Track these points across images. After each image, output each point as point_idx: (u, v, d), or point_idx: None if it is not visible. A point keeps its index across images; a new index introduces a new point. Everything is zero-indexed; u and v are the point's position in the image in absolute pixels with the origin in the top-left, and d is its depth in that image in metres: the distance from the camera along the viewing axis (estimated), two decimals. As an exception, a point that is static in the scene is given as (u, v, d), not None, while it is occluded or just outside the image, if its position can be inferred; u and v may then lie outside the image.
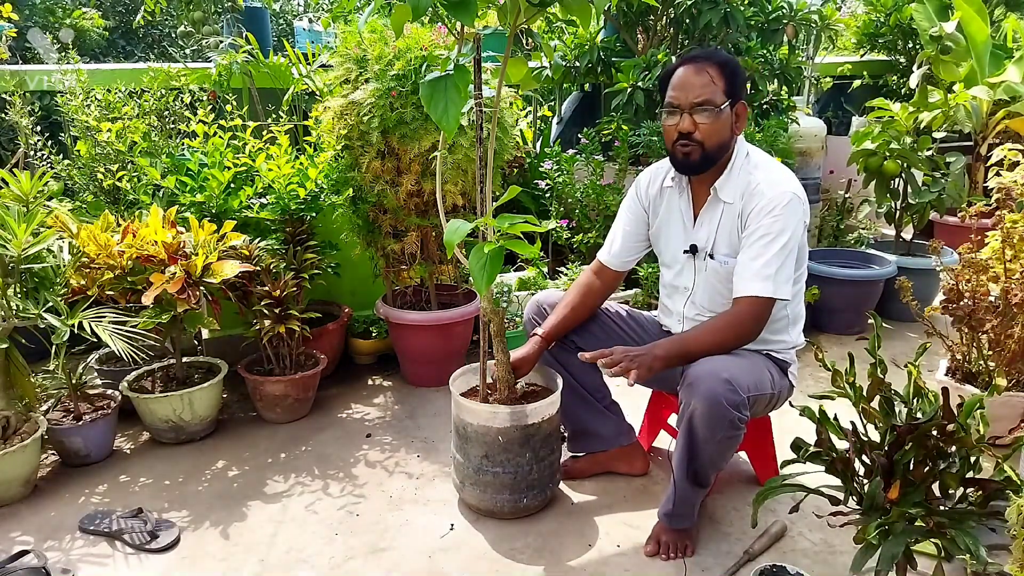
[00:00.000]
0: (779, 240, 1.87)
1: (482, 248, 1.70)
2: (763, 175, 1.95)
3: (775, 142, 3.63)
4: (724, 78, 1.90)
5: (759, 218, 1.90)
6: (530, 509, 2.13)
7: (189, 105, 3.14)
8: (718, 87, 1.90)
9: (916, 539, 1.45)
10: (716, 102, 1.89)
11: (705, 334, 1.93)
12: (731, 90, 1.91)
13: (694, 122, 1.91)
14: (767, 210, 1.89)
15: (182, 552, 2.02)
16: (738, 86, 1.93)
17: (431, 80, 1.70)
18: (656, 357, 1.87)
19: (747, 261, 1.90)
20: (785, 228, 1.88)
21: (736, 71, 1.93)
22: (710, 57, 1.92)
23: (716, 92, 1.89)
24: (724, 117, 1.91)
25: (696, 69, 1.91)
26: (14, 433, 2.27)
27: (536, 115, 5.27)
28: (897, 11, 5.11)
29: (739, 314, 1.91)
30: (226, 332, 2.93)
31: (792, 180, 1.96)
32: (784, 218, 1.88)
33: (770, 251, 1.87)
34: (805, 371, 3.08)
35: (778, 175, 1.95)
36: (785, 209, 1.88)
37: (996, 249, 2.46)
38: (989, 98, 3.95)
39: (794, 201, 1.90)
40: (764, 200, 1.90)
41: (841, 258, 3.74)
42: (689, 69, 1.92)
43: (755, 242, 1.90)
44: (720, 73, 1.90)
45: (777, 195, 1.90)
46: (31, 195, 2.40)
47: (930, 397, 1.56)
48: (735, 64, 1.94)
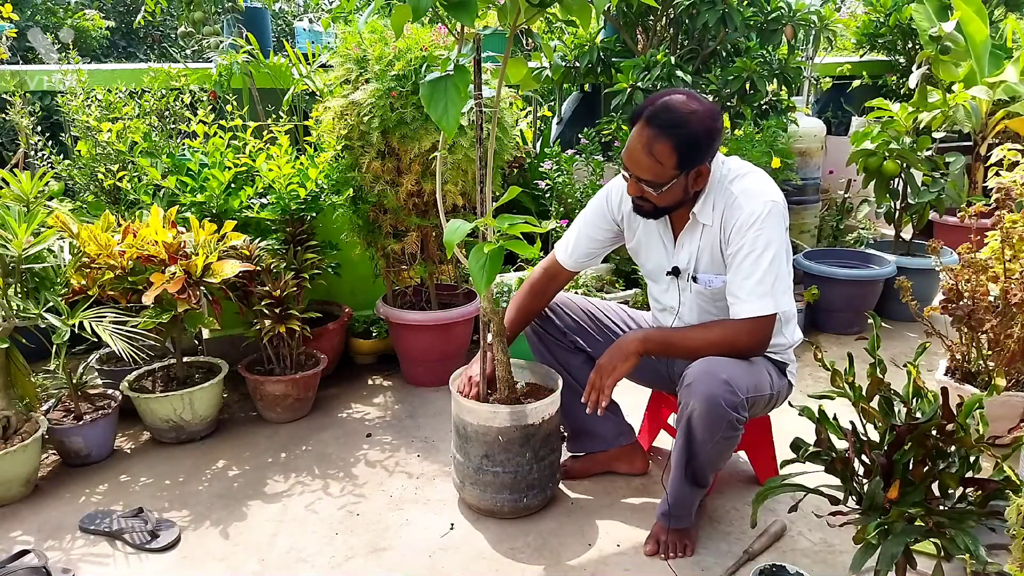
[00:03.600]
0: (767, 254, 1.83)
1: (482, 248, 1.71)
2: (739, 187, 1.89)
3: (774, 142, 3.64)
4: (676, 154, 1.79)
5: (742, 234, 1.85)
6: (530, 509, 2.13)
7: (189, 105, 3.14)
8: (667, 166, 1.80)
9: (916, 539, 1.45)
10: (662, 181, 1.82)
11: (695, 334, 1.94)
12: (684, 163, 1.81)
13: (642, 189, 1.87)
14: (748, 224, 1.84)
15: (182, 552, 2.03)
16: (695, 156, 1.81)
17: (431, 80, 1.70)
18: (633, 341, 1.93)
19: (740, 281, 1.85)
20: (771, 239, 1.83)
21: (692, 142, 1.79)
22: (664, 130, 1.78)
23: (663, 171, 1.81)
24: (675, 186, 1.84)
25: (645, 144, 1.80)
26: (15, 433, 2.27)
27: (536, 115, 5.27)
28: (897, 11, 5.11)
29: (738, 331, 1.87)
30: (227, 332, 2.93)
31: (769, 186, 1.90)
32: (767, 229, 1.83)
33: (761, 267, 1.83)
34: (804, 371, 3.08)
35: (754, 185, 1.89)
36: (766, 220, 1.83)
37: (995, 249, 2.46)
38: (988, 98, 3.95)
39: (773, 210, 1.85)
40: (743, 214, 1.85)
41: (841, 258, 3.74)
42: (639, 139, 1.81)
43: (743, 260, 1.85)
44: (671, 149, 1.78)
45: (757, 207, 1.84)
46: (32, 195, 2.40)
47: (929, 397, 1.57)
48: (693, 133, 1.78)
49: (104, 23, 6.97)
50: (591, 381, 1.95)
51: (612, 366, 1.92)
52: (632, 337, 1.95)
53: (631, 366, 1.92)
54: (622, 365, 1.91)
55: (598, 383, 1.93)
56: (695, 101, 1.82)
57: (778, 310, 1.86)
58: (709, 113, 1.81)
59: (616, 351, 1.94)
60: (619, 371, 1.91)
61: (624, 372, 1.92)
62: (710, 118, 1.81)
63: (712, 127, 1.81)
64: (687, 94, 1.84)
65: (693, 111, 1.79)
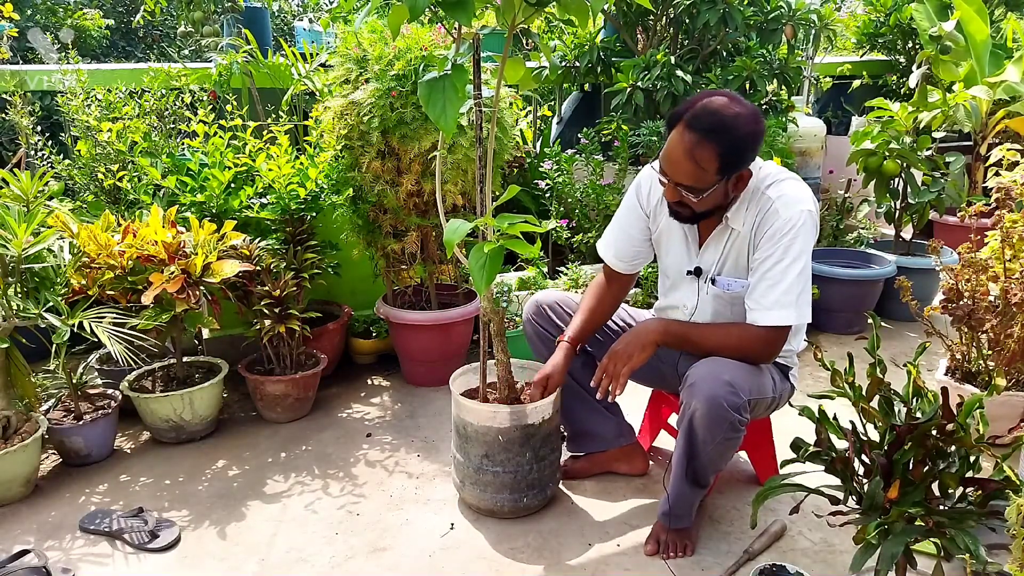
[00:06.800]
0: (797, 264, 1.78)
1: (482, 248, 1.70)
2: (776, 192, 1.83)
3: (774, 142, 3.63)
4: (719, 159, 1.72)
5: (774, 241, 1.80)
6: (530, 509, 2.13)
7: (189, 105, 3.14)
8: (709, 171, 1.73)
9: (916, 539, 1.45)
10: (703, 187, 1.76)
11: (713, 333, 1.91)
12: (727, 168, 1.74)
13: (681, 195, 1.80)
14: (783, 231, 1.79)
15: (182, 552, 2.03)
16: (738, 161, 1.75)
17: (429, 80, 1.70)
18: (654, 331, 1.89)
19: (766, 289, 1.80)
20: (803, 250, 1.79)
21: (737, 147, 1.72)
22: (707, 134, 1.70)
23: (705, 177, 1.74)
24: (716, 192, 1.78)
25: (687, 149, 1.72)
26: (15, 433, 2.27)
27: (536, 115, 5.27)
28: (897, 11, 5.11)
29: (755, 340, 1.84)
30: (226, 332, 2.93)
31: (805, 194, 1.84)
32: (801, 240, 1.78)
33: (789, 276, 1.78)
34: (805, 371, 3.08)
35: (793, 192, 1.83)
36: (801, 230, 1.78)
37: (995, 249, 2.46)
38: (989, 98, 3.95)
39: (808, 220, 1.80)
40: (780, 221, 1.79)
41: (841, 258, 3.74)
42: (680, 143, 1.73)
43: (772, 267, 1.80)
44: (715, 154, 1.71)
45: (794, 215, 1.78)
46: (32, 195, 2.40)
47: (929, 397, 1.56)
48: (738, 138, 1.71)
49: (104, 22, 6.98)
50: (603, 367, 1.89)
51: (628, 354, 1.87)
52: (652, 327, 1.91)
53: (648, 356, 1.88)
54: (639, 354, 1.87)
55: (612, 370, 1.87)
56: (737, 103, 1.74)
57: (799, 322, 1.84)
58: (753, 116, 1.74)
59: (634, 339, 1.89)
60: (635, 360, 1.86)
61: (640, 362, 1.87)
62: (754, 121, 1.74)
63: (756, 130, 1.75)
64: (728, 95, 1.76)
65: (737, 114, 1.72)
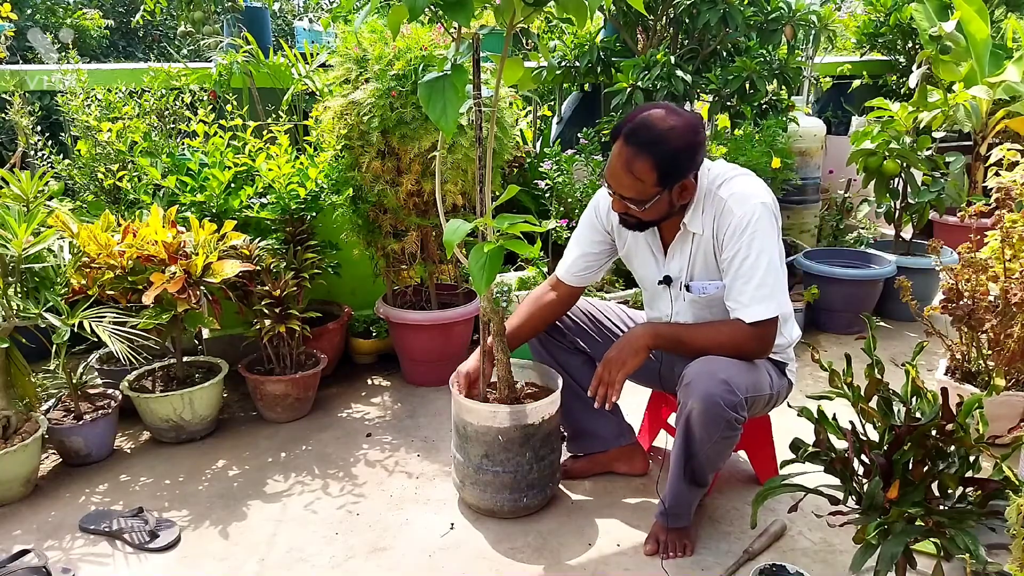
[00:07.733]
0: (764, 257, 1.82)
1: (482, 248, 1.70)
2: (727, 192, 1.86)
3: (774, 142, 3.63)
4: (656, 171, 1.76)
5: (736, 238, 1.83)
6: (530, 508, 2.13)
7: (189, 105, 3.14)
8: (647, 183, 1.78)
9: (915, 538, 1.46)
10: (644, 198, 1.81)
11: (704, 333, 1.92)
12: (665, 180, 1.78)
13: (626, 206, 1.85)
14: (741, 228, 1.82)
15: (182, 552, 2.03)
16: (676, 172, 1.78)
17: (428, 80, 1.70)
18: (645, 335, 1.91)
19: (741, 286, 1.84)
20: (765, 242, 1.82)
21: (671, 159, 1.76)
22: (642, 148, 1.75)
23: (644, 189, 1.79)
24: (659, 202, 1.82)
25: (624, 162, 1.78)
26: (15, 433, 2.27)
27: (536, 115, 5.27)
28: (897, 11, 5.11)
29: (746, 337, 1.86)
30: (227, 332, 2.93)
31: (757, 188, 1.88)
32: (761, 232, 1.82)
33: (759, 270, 1.81)
34: (804, 371, 3.08)
35: (743, 188, 1.87)
36: (759, 223, 1.82)
37: (995, 249, 2.46)
38: (989, 98, 3.95)
39: (764, 212, 1.83)
40: (735, 219, 1.83)
41: (841, 258, 3.74)
42: (619, 158, 1.79)
43: (741, 264, 1.84)
44: (651, 167, 1.76)
45: (747, 211, 1.82)
46: (31, 195, 2.40)
47: (929, 397, 1.56)
48: (672, 150, 1.75)
49: (104, 22, 6.98)
50: (598, 375, 1.92)
51: (622, 360, 1.89)
52: (642, 332, 1.93)
53: (641, 360, 1.90)
54: (632, 359, 1.89)
55: (607, 377, 1.89)
56: (674, 116, 1.78)
57: (780, 312, 1.85)
58: (689, 127, 1.77)
59: (626, 345, 1.91)
60: (629, 365, 1.89)
61: (634, 367, 1.89)
62: (691, 132, 1.77)
63: (692, 141, 1.78)
64: (666, 108, 1.80)
65: (672, 127, 1.75)
